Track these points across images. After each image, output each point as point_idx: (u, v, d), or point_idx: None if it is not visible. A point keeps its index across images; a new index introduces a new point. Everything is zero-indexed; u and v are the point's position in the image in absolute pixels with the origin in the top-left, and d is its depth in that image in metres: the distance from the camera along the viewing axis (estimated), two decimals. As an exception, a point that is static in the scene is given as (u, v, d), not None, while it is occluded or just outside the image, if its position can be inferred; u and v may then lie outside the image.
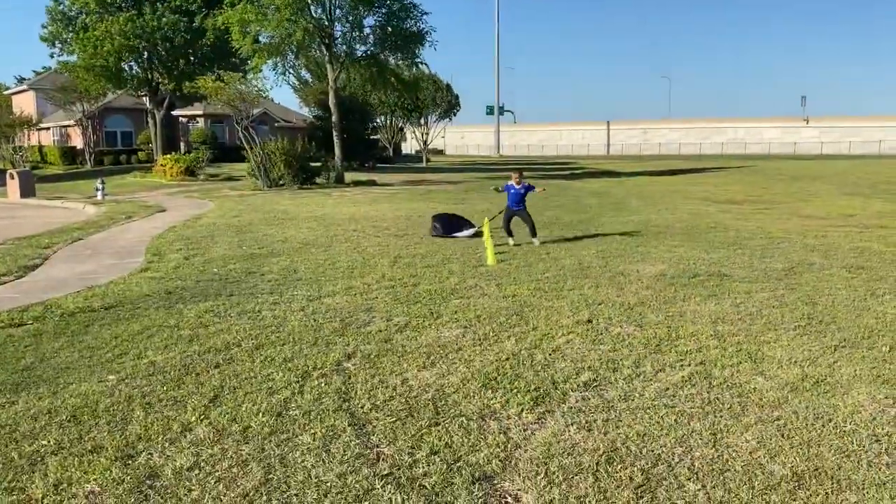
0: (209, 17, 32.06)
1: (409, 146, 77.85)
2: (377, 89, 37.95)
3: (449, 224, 12.67)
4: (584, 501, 3.24)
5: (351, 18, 29.20)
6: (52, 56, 35.76)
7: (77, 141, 49.46)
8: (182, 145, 48.64)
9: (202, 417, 4.29)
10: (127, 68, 34.84)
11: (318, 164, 28.91)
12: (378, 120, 54.76)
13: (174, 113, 46.03)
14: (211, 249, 11.15)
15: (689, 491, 3.33)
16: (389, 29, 29.75)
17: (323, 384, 4.85)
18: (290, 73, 39.00)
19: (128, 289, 8.09)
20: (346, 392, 4.71)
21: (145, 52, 33.60)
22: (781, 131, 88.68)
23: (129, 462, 3.71)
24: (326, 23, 28.81)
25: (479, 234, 11.63)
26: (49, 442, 3.95)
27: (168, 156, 34.14)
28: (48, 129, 53.78)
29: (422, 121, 57.96)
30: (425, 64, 32.35)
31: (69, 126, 50.78)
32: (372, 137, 50.49)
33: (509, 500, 3.30)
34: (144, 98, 41.13)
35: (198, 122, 52.67)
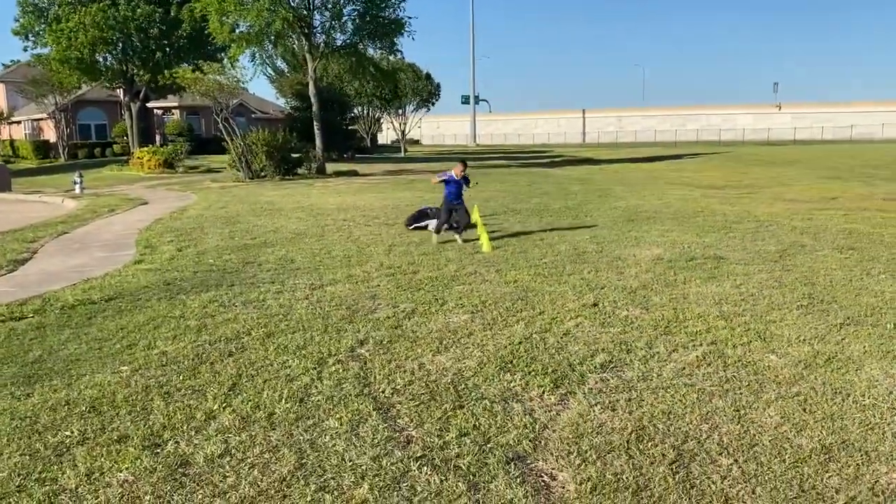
0: (185, 7, 31.58)
1: (386, 136, 77.61)
2: (357, 79, 37.73)
3: (425, 215, 12.00)
4: (621, 478, 3.28)
5: (330, 7, 28.96)
6: (25, 49, 34.93)
7: (50, 134, 48.71)
8: (157, 138, 48.08)
9: (224, 405, 4.27)
10: (101, 60, 34.23)
11: (299, 154, 28.70)
12: (356, 110, 54.48)
13: (149, 105, 45.37)
14: (203, 241, 11.05)
15: (723, 465, 3.38)
16: (368, 17, 29.56)
17: (341, 370, 4.84)
18: (267, 63, 38.72)
19: (125, 281, 7.99)
20: (365, 377, 4.71)
21: (120, 44, 33.02)
22: (755, 118, 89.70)
23: (158, 451, 3.69)
24: (305, 12, 28.55)
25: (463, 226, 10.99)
26: (73, 433, 3.91)
27: (145, 148, 33.74)
28: (19, 122, 52.84)
29: (400, 111, 57.73)
30: (400, 51, 32.14)
31: (41, 119, 49.97)
32: (350, 128, 50.23)
33: (546, 479, 3.34)
34: (119, 90, 40.47)
35: (173, 114, 52.09)
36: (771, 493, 3.13)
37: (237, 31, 28.74)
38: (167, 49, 33.04)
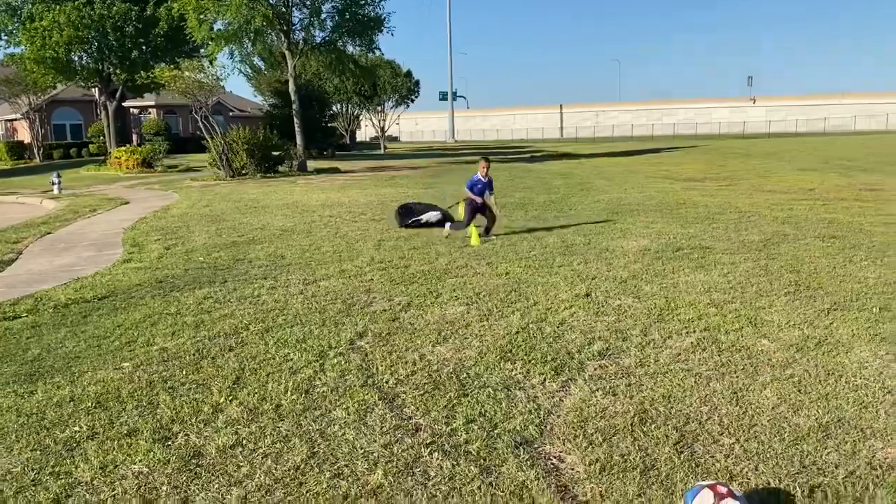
0: (162, 6, 31.27)
1: (364, 134, 77.44)
2: (336, 76, 37.63)
3: (412, 211, 11.90)
4: (628, 459, 3.38)
5: (309, 4, 28.86)
6: (-3, 49, 34.41)
7: (24, 135, 48.07)
8: (134, 137, 47.62)
9: (230, 398, 4.31)
10: (77, 59, 33.79)
11: (280, 152, 28.59)
12: (335, 108, 54.29)
13: (125, 104, 44.86)
14: (190, 239, 11.02)
15: (725, 445, 3.49)
16: (347, 15, 29.50)
17: (343, 362, 4.90)
18: (244, 61, 38.47)
19: (116, 279, 7.97)
20: (368, 369, 4.77)
21: (95, 42, 32.60)
22: (730, 111, 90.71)
23: (169, 443, 3.72)
24: (284, 9, 28.44)
25: (447, 219, 11.09)
26: (81, 428, 3.93)
27: (123, 148, 33.41)
28: (-8, 123, 52.06)
29: (379, 108, 57.62)
30: (379, 48, 32.06)
31: (15, 120, 49.25)
32: (329, 125, 50.06)
33: (555, 461, 3.42)
34: (94, 90, 39.99)
35: (150, 113, 51.62)
36: (773, 469, 3.23)
37: (215, 28, 28.58)
38: (144, 48, 32.68)
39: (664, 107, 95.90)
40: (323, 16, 29.29)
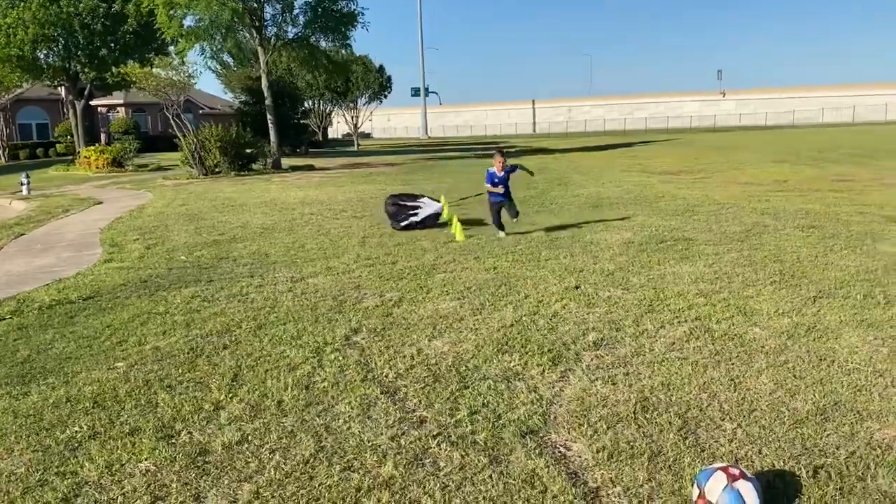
0: (130, 1, 30.81)
1: (336, 130, 77.06)
2: (309, 72, 37.40)
3: (405, 207, 11.22)
4: (634, 445, 3.43)
5: (281, -1, 28.67)
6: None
7: (-11, 135, 46.95)
8: (102, 136, 46.88)
9: (231, 395, 4.29)
10: (43, 57, 33.17)
11: (253, 150, 28.34)
12: (307, 104, 53.97)
13: (92, 103, 44.19)
14: (170, 238, 10.90)
15: (727, 430, 3.56)
16: (320, 10, 29.33)
17: (340, 358, 4.90)
18: (214, 58, 38.05)
19: (99, 279, 7.87)
20: (367, 364, 4.77)
21: (62, 40, 32.03)
22: (700, 105, 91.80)
23: (174, 441, 3.70)
24: (255, 4, 28.19)
25: (439, 215, 11.06)
26: (82, 428, 3.89)
27: (92, 147, 32.85)
28: (-45, 123, 50.82)
29: (352, 104, 57.39)
30: (350, 45, 31.93)
31: (-22, 120, 48.13)
32: (302, 122, 49.75)
33: (561, 449, 3.46)
34: (61, 88, 39.30)
35: (118, 112, 50.85)
36: (777, 451, 3.31)
37: (185, 25, 28.25)
38: (113, 45, 32.17)
39: (635, 101, 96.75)
40: (295, 11, 29.13)
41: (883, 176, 17.04)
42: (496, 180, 9.66)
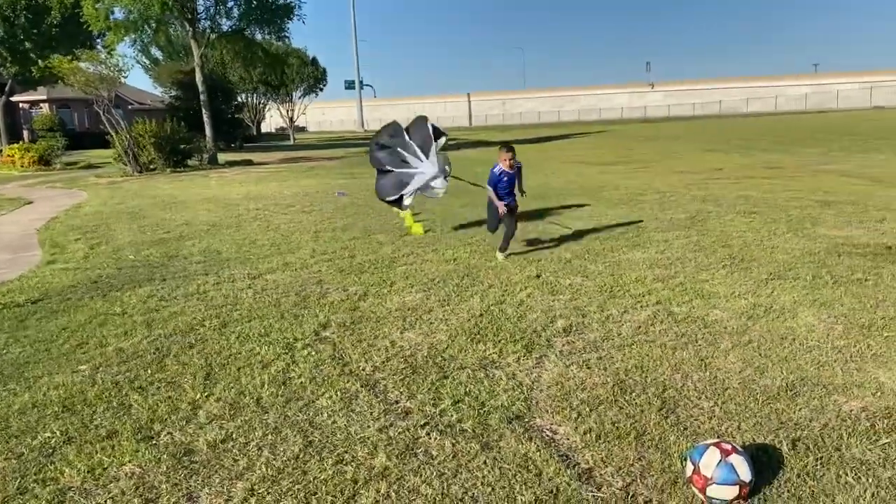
0: (53, -7, 29.60)
1: (270, 124, 75.76)
2: (245, 65, 36.68)
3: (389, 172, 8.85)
4: (619, 426, 3.53)
5: (214, -9, 27.99)
6: None
7: None
8: (25, 133, 44.94)
9: (207, 394, 4.22)
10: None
11: (189, 145, 27.65)
12: (240, 98, 52.90)
13: (13, 99, 42.32)
14: (113, 237, 10.57)
15: (705, 408, 3.70)
16: (255, 3, 28.77)
17: (314, 353, 4.87)
18: (142, 52, 36.93)
19: (46, 281, 7.58)
20: (342, 358, 4.76)
21: (-20, 33, 30.57)
22: (630, 96, 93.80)
23: (154, 442, 3.62)
24: (187, -3, 27.47)
25: (436, 175, 8.95)
26: (55, 433, 3.77)
27: (16, 145, 31.48)
28: None
29: (287, 97, 56.54)
30: (288, 36, 31.44)
31: None
32: (236, 116, 48.76)
33: (549, 433, 3.54)
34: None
35: (41, 108, 48.81)
36: (755, 427, 3.46)
37: (113, 17, 27.31)
38: (36, 39, 30.84)
39: (568, 93, 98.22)
40: (230, 3, 28.47)
41: (809, 162, 17.81)
42: (505, 181, 7.70)
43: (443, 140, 9.06)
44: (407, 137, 9.00)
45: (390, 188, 8.95)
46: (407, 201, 8.93)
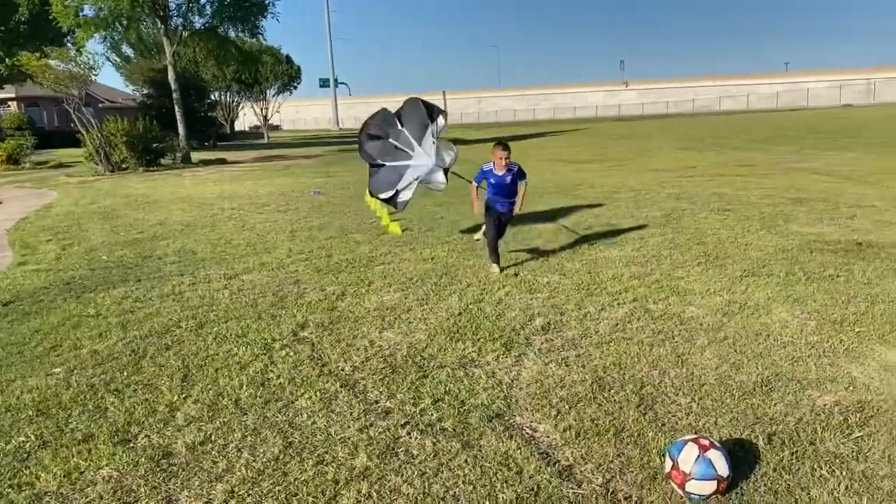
0: (20, -11, 29.06)
1: (243, 123, 75.13)
2: (218, 63, 36.34)
3: (381, 165, 8.13)
4: (598, 423, 3.56)
5: (186, -12, 27.69)
6: None
7: None
8: (-7, 132, 44.05)
9: (184, 396, 4.19)
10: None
11: (161, 144, 27.32)
12: (213, 96, 52.36)
13: (-20, 97, 41.54)
14: (85, 238, 10.42)
15: (683, 404, 3.74)
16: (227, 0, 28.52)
17: (292, 354, 4.84)
18: (113, 50, 36.44)
19: (17, 283, 7.46)
20: (320, 358, 4.74)
21: (-55, 30, 29.95)
22: (604, 95, 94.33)
23: (132, 445, 3.58)
24: (158, -7, 27.14)
25: (436, 170, 8.22)
26: (29, 437, 3.72)
27: (-16, 144, 30.89)
28: None
29: (261, 96, 56.10)
30: (262, 34, 31.18)
31: None
32: (209, 115, 48.26)
33: (528, 431, 3.56)
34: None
35: (9, 107, 47.95)
36: (731, 422, 3.51)
37: (82, 14, 26.91)
38: (3, 36, 30.28)
39: (543, 92, 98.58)
40: (202, 1, 28.17)
41: (781, 160, 18.06)
42: (499, 181, 6.94)
43: (442, 121, 8.14)
44: (399, 125, 8.26)
45: (384, 185, 8.13)
46: (403, 197, 8.00)
